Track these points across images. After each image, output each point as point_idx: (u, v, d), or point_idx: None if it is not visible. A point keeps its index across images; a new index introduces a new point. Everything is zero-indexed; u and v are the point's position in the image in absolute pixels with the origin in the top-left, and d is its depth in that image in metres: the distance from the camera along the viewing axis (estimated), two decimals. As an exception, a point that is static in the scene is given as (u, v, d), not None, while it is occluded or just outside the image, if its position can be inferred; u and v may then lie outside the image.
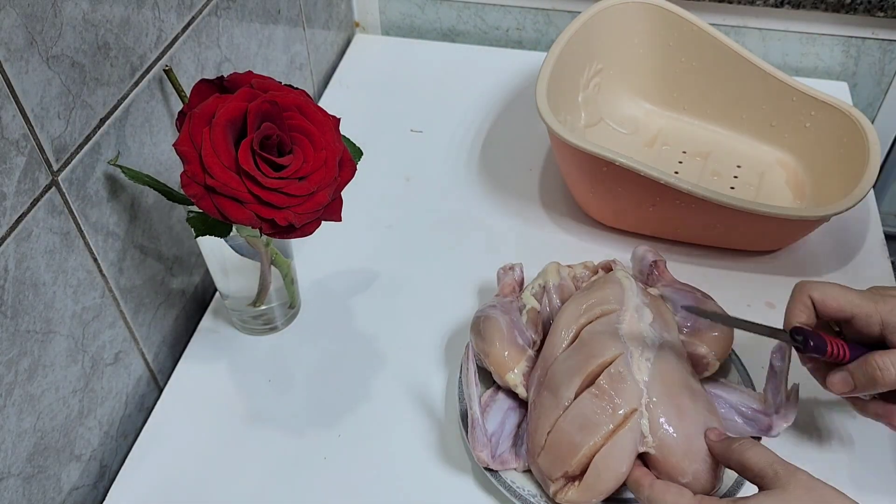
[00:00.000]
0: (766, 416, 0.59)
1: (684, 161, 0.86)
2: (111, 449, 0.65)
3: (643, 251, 0.70)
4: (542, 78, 0.76)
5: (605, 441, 0.54)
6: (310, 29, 0.93)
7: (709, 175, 0.84)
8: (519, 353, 0.62)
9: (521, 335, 0.63)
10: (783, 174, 0.83)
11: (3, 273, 0.50)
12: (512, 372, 0.62)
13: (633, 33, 0.87)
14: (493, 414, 0.62)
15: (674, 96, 0.90)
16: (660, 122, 0.90)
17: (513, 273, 0.70)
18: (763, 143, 0.86)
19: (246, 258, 0.64)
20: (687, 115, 0.90)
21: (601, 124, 0.88)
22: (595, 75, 0.87)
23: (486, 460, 0.58)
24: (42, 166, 0.52)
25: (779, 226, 0.72)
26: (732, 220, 0.72)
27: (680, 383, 0.57)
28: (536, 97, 0.74)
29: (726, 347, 0.62)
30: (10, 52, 0.47)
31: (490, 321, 0.63)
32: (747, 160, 0.85)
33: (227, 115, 0.51)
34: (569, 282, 0.67)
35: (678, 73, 0.88)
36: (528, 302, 0.66)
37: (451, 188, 0.85)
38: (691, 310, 0.60)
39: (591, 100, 0.87)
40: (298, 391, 0.68)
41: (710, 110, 0.88)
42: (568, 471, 0.55)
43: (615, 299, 0.61)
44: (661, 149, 0.87)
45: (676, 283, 0.66)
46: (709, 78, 0.86)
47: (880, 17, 0.93)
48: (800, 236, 0.76)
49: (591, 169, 0.73)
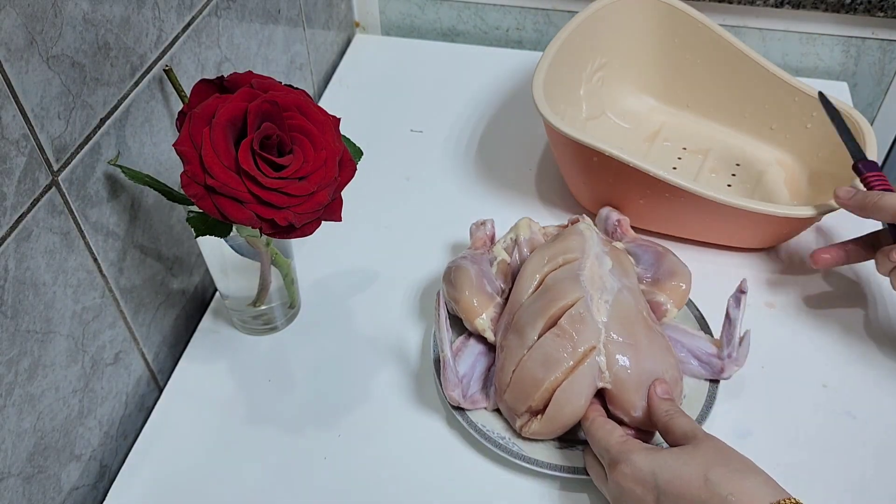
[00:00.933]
0: (719, 360, 0.64)
1: (683, 157, 0.86)
2: (111, 449, 0.65)
3: (608, 211, 0.75)
4: (540, 69, 0.77)
5: (566, 377, 0.59)
6: (310, 29, 0.93)
7: (707, 172, 0.85)
8: (487, 299, 0.66)
9: (490, 283, 0.67)
10: (782, 173, 0.84)
11: (4, 273, 0.50)
12: (480, 317, 0.65)
13: (638, 29, 0.88)
14: (464, 358, 0.65)
15: (677, 93, 0.90)
16: (662, 118, 0.90)
17: (484, 228, 0.74)
18: (763, 142, 0.86)
19: (246, 258, 0.64)
20: (689, 112, 0.90)
21: (603, 118, 0.89)
22: (599, 69, 0.88)
23: (458, 399, 0.62)
24: (42, 166, 0.52)
25: (767, 223, 0.73)
26: (720, 216, 0.72)
27: (637, 324, 0.61)
28: (533, 87, 0.75)
29: (683, 297, 0.66)
30: (10, 52, 0.47)
31: (460, 270, 0.67)
32: (746, 159, 0.86)
33: (227, 115, 0.51)
34: (539, 236, 0.71)
35: (682, 69, 0.88)
36: (499, 255, 0.70)
37: (451, 188, 0.86)
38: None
39: (594, 93, 0.88)
40: (298, 391, 0.68)
41: (713, 108, 0.88)
42: (532, 405, 0.60)
43: (577, 248, 0.65)
44: (662, 144, 0.88)
45: (638, 239, 0.71)
46: (713, 76, 0.87)
47: (880, 17, 0.93)
48: (791, 235, 0.77)
49: (583, 159, 0.75)
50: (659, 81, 0.90)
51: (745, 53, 0.83)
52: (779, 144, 0.85)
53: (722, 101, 0.87)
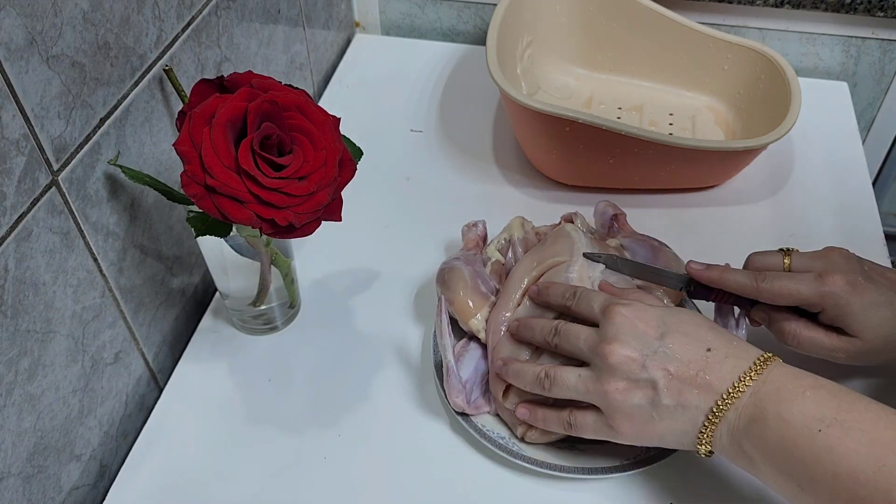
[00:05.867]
0: None
1: (622, 116, 0.91)
2: (111, 449, 0.65)
3: (604, 206, 0.75)
4: (490, 52, 0.80)
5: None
6: (310, 29, 0.93)
7: (647, 125, 0.89)
8: (482, 300, 0.66)
9: (485, 284, 0.67)
10: (712, 116, 0.90)
11: (4, 273, 0.50)
12: (475, 318, 0.65)
13: (554, 3, 0.92)
14: (465, 363, 0.65)
15: (599, 59, 0.95)
16: (592, 85, 0.95)
17: (476, 229, 0.74)
18: (689, 90, 0.92)
19: (246, 258, 0.64)
20: (615, 75, 0.95)
21: (539, 93, 0.92)
22: (527, 47, 0.91)
23: (462, 405, 0.62)
24: (42, 166, 0.52)
25: (721, 159, 0.80)
26: (685, 161, 0.78)
27: None
28: (489, 65, 0.78)
29: (679, 293, 0.66)
30: (10, 52, 0.47)
31: (454, 271, 0.67)
32: (678, 108, 0.92)
33: (227, 115, 0.51)
34: (532, 235, 0.71)
35: (601, 36, 0.93)
36: (493, 255, 0.70)
37: (451, 188, 0.85)
38: (590, 256, 0.64)
39: (528, 71, 0.92)
40: (298, 391, 0.68)
41: (636, 67, 0.94)
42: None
43: (566, 251, 0.65)
44: (599, 108, 0.93)
45: (636, 235, 0.71)
46: (631, 37, 0.92)
47: (880, 17, 0.93)
48: (740, 169, 0.83)
49: (553, 130, 0.77)
50: (581, 50, 0.95)
51: (655, 11, 0.89)
52: (703, 90, 0.91)
53: (643, 59, 0.93)
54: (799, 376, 0.50)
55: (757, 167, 0.84)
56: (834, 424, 0.47)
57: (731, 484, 0.60)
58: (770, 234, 0.80)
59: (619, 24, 0.92)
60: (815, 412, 0.48)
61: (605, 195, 0.79)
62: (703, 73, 0.90)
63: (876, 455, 0.45)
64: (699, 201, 0.84)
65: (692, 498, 0.60)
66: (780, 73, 0.82)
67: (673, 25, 0.89)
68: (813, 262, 0.61)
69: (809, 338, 0.60)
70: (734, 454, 0.51)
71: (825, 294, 0.58)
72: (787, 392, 0.49)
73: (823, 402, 0.48)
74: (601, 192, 0.83)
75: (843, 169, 0.87)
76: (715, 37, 0.87)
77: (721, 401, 0.50)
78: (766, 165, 0.86)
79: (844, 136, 0.91)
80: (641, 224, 0.75)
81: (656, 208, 0.83)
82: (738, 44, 0.86)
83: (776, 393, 0.49)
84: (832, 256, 0.61)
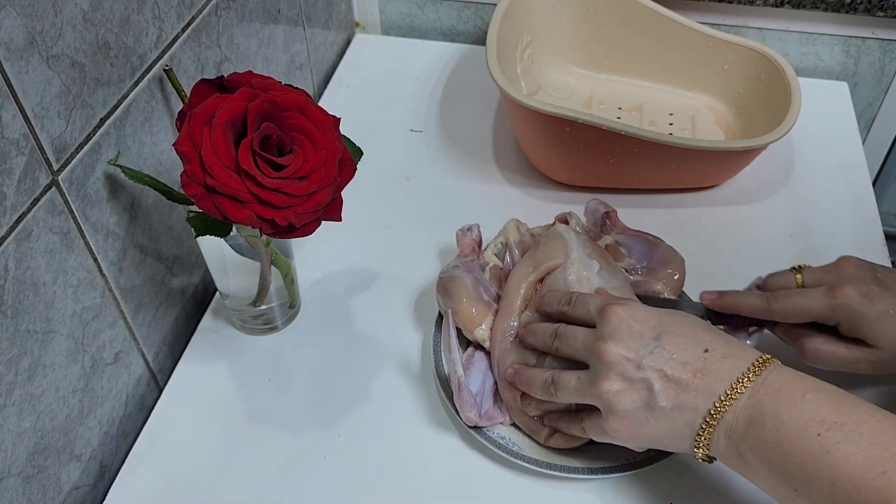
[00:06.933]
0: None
1: (622, 116, 0.91)
2: (111, 449, 0.65)
3: (595, 204, 0.74)
4: (490, 53, 0.80)
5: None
6: (310, 28, 0.93)
7: (647, 125, 0.89)
8: (485, 308, 0.65)
9: (486, 291, 0.67)
10: (712, 116, 0.90)
11: (4, 273, 0.50)
12: (480, 327, 0.65)
13: (554, 3, 0.92)
14: (473, 375, 0.64)
15: (599, 58, 0.95)
16: (592, 85, 0.95)
17: (471, 233, 0.72)
18: (689, 90, 0.92)
19: (246, 258, 0.64)
20: (615, 75, 0.95)
21: (540, 92, 0.92)
22: (527, 47, 0.91)
23: (475, 419, 0.61)
24: (42, 166, 0.52)
25: (721, 159, 0.80)
26: (684, 161, 0.78)
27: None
28: (489, 65, 0.78)
29: (679, 284, 0.67)
30: (10, 52, 0.47)
31: (455, 280, 0.66)
32: (678, 108, 0.92)
33: (227, 115, 0.51)
34: (528, 237, 0.71)
35: (600, 35, 0.93)
36: (491, 260, 0.69)
37: (451, 188, 0.85)
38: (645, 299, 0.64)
39: (527, 71, 0.92)
40: (298, 391, 0.68)
41: (636, 67, 0.94)
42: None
43: (560, 253, 0.65)
44: (599, 108, 0.93)
45: (629, 230, 0.71)
46: (631, 37, 0.92)
47: (880, 16, 0.93)
48: (740, 169, 0.83)
49: (554, 131, 0.77)
50: (581, 50, 0.95)
51: (655, 10, 0.89)
52: (703, 90, 0.91)
53: (643, 59, 0.93)
54: (798, 378, 0.50)
55: (757, 167, 0.84)
56: (833, 428, 0.46)
57: (731, 484, 0.60)
58: (770, 234, 0.80)
59: (619, 24, 0.91)
60: (814, 415, 0.47)
61: (606, 195, 0.79)
62: (703, 73, 0.90)
63: (876, 461, 0.44)
64: (699, 201, 0.84)
65: (692, 498, 0.60)
66: (780, 73, 0.82)
67: (673, 25, 0.89)
68: (824, 276, 0.60)
69: (830, 352, 0.59)
70: (730, 457, 0.50)
71: (836, 307, 0.57)
72: (786, 394, 0.48)
73: (823, 404, 0.47)
74: (601, 192, 0.83)
75: (843, 169, 0.87)
76: (715, 37, 0.87)
77: (719, 402, 0.50)
78: (766, 165, 0.86)
79: (844, 136, 0.91)
80: (641, 224, 0.74)
81: (656, 208, 0.83)
82: (738, 44, 0.86)
83: (775, 394, 0.48)
84: (843, 267, 0.60)
